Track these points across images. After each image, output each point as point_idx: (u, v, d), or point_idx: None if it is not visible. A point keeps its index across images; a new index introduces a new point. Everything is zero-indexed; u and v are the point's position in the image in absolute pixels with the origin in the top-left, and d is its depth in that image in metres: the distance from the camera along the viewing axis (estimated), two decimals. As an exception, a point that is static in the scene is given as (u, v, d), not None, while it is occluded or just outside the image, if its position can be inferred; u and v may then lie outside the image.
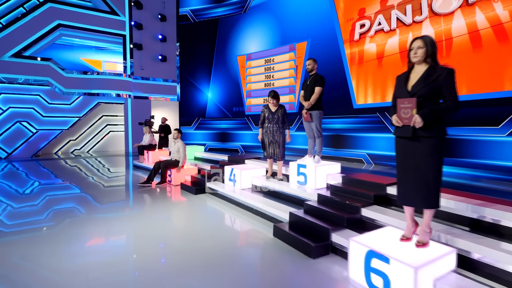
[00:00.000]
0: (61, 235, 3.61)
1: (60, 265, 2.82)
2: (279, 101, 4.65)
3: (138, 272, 2.70)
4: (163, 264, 2.85)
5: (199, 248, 3.18)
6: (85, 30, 11.68)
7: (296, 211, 3.55)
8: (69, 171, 8.40)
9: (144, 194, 5.62)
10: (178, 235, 3.63)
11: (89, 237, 3.58)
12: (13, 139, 10.77)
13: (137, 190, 5.97)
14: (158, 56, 12.71)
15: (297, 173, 4.43)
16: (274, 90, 4.61)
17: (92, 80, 11.68)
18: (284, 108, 4.67)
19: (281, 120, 4.63)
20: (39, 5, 10.88)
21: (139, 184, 6.34)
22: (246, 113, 10.26)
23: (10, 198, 5.37)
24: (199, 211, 4.62)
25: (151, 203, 5.15)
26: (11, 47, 10.38)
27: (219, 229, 3.82)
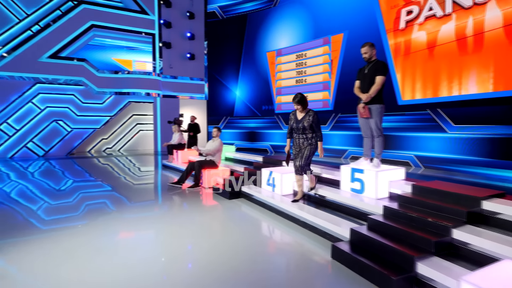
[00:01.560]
0: (93, 231, 3.67)
1: (90, 262, 2.85)
2: (306, 106, 3.91)
3: (166, 277, 2.60)
4: (190, 273, 2.57)
5: (233, 266, 2.80)
6: (117, 30, 11.84)
7: (358, 227, 2.95)
8: (101, 170, 8.50)
9: (174, 196, 5.44)
10: (208, 245, 3.30)
11: (118, 236, 3.61)
12: (50, 137, 11.15)
13: (167, 190, 5.80)
14: (187, 54, 12.65)
15: (351, 178, 3.86)
16: (300, 94, 3.88)
17: (122, 80, 11.83)
18: (314, 115, 3.87)
19: (308, 130, 3.90)
20: (74, 6, 11.16)
21: (169, 184, 6.13)
22: (276, 111, 9.88)
23: (47, 195, 5.51)
24: (233, 218, 4.29)
25: (181, 206, 4.94)
26: (48, 48, 10.71)
27: (258, 243, 3.37)
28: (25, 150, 10.83)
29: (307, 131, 3.91)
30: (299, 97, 3.88)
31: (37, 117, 10.92)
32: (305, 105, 3.91)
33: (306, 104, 3.92)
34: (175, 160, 8.45)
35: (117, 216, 4.30)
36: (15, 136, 10.66)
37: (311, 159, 4.08)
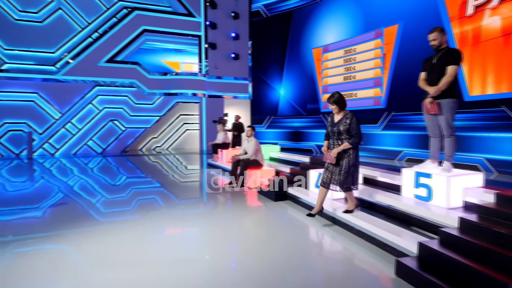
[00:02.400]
0: (143, 226, 3.82)
1: (140, 255, 2.95)
2: (344, 107, 3.45)
3: (210, 275, 2.60)
4: (233, 273, 2.45)
5: (277, 272, 2.60)
6: (166, 33, 12.37)
7: (428, 241, 2.54)
8: (151, 167, 8.92)
9: (219, 195, 5.43)
10: (251, 247, 3.16)
11: (166, 231, 3.74)
12: (106, 136, 12.03)
13: (221, 190, 5.75)
14: (231, 54, 12.78)
15: (415, 184, 3.41)
16: (338, 93, 3.47)
17: (171, 81, 12.32)
18: (352, 118, 3.37)
19: (345, 135, 3.37)
20: (128, 13, 11.88)
21: (225, 184, 6.01)
22: (322, 110, 9.50)
23: (104, 189, 5.87)
24: (278, 221, 4.13)
25: (225, 205, 4.90)
26: (106, 53, 11.55)
27: (305, 250, 3.14)
28: (86, 147, 11.82)
29: (343, 137, 3.39)
30: (336, 96, 3.42)
31: (96, 117, 11.85)
32: (342, 105, 3.44)
33: (343, 105, 3.45)
34: (219, 159, 8.54)
35: (166, 212, 4.45)
36: (78, 134, 11.68)
37: (357, 172, 3.49)
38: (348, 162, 3.41)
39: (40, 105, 11.19)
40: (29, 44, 11.33)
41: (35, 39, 11.37)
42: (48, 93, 11.23)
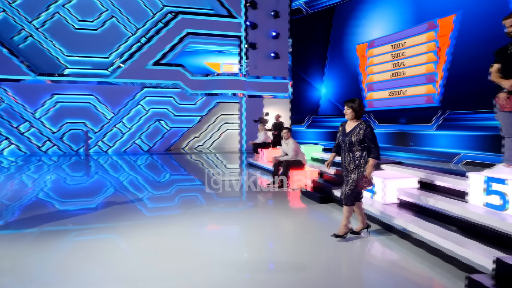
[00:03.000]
0: (186, 222, 3.96)
1: (182, 250, 3.05)
2: (359, 115, 3.10)
3: (249, 275, 2.57)
4: (272, 274, 2.36)
5: (322, 281, 2.48)
6: (208, 35, 12.70)
7: (506, 257, 2.21)
8: (193, 165, 9.22)
9: (259, 194, 5.40)
10: (292, 249, 3.05)
11: (207, 228, 3.83)
12: (153, 135, 12.70)
13: (258, 190, 5.74)
14: (271, 53, 12.74)
15: (486, 190, 3.04)
16: (358, 99, 3.19)
17: (212, 82, 12.63)
18: (367, 129, 3.04)
19: (356, 147, 3.06)
20: (172, 18, 12.42)
21: (266, 184, 5.95)
22: (367, 109, 9.02)
23: (150, 185, 6.18)
24: (323, 224, 3.95)
25: (265, 205, 4.85)
26: (153, 56, 12.18)
27: (353, 257, 2.95)
28: (134, 145, 12.59)
29: (354, 148, 3.08)
30: (357, 102, 3.13)
31: (143, 117, 12.56)
32: (359, 114, 3.11)
33: (360, 114, 3.11)
34: (260, 159, 8.53)
35: (207, 209, 4.56)
36: (127, 133, 12.48)
37: (362, 180, 3.11)
38: (358, 175, 3.10)
39: (95, 106, 12.16)
40: (86, 50, 12.37)
41: (91, 46, 12.38)
42: (102, 95, 12.16)
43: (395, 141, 8.08)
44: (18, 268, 2.61)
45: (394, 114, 8.21)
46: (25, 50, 11.88)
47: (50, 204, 4.77)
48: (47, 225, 3.71)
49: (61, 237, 3.37)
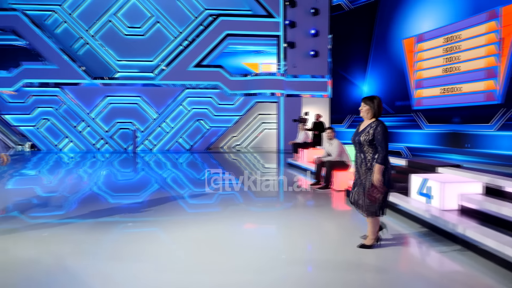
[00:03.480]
0: (224, 220, 4.01)
1: (219, 248, 3.09)
2: (376, 114, 2.84)
3: (286, 276, 2.51)
4: (310, 278, 2.30)
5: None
6: (246, 36, 12.87)
7: None
8: (231, 164, 9.40)
9: (299, 195, 5.35)
10: (333, 253, 2.94)
11: (244, 227, 3.84)
12: (193, 134, 13.21)
13: (301, 190, 5.69)
14: (310, 52, 12.53)
15: None
16: (378, 97, 2.91)
17: (250, 82, 12.77)
18: (378, 128, 2.75)
19: (367, 147, 2.80)
20: (213, 20, 12.78)
21: (309, 185, 5.86)
22: (414, 107, 8.48)
23: (191, 182, 6.44)
24: None
25: (305, 207, 4.78)
26: (194, 58, 12.66)
27: (407, 267, 2.76)
28: (177, 144, 13.21)
29: (365, 149, 2.81)
30: (376, 100, 2.85)
31: (185, 117, 13.12)
32: (376, 113, 2.83)
33: (376, 113, 2.83)
34: (300, 159, 8.43)
35: (244, 208, 4.61)
36: (170, 133, 13.13)
37: (384, 192, 2.78)
38: (371, 178, 2.79)
39: (142, 106, 12.97)
40: (134, 54, 13.23)
41: (138, 50, 13.21)
42: (148, 96, 12.93)
43: (447, 142, 7.49)
44: (76, 254, 2.87)
45: (446, 113, 7.60)
46: (82, 56, 13.06)
47: (102, 197, 5.20)
48: (100, 216, 4.03)
49: (112, 228, 3.66)
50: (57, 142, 12.81)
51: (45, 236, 3.30)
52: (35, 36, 12.10)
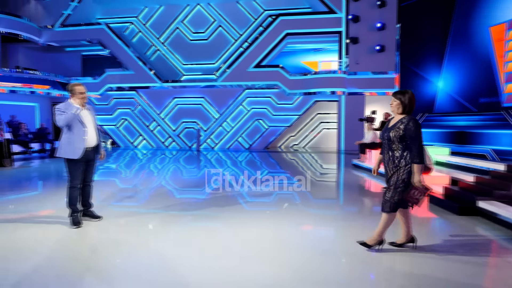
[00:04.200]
0: (281, 219, 3.95)
1: (275, 248, 3.05)
2: (408, 110, 2.68)
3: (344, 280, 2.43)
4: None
5: None
6: (306, 34, 12.63)
7: None
8: (288, 163, 9.32)
9: (365, 198, 5.03)
10: (413, 264, 2.63)
11: (301, 228, 3.72)
12: (252, 134, 13.47)
13: (376, 194, 5.40)
14: (375, 47, 11.75)
15: None
16: (407, 92, 2.72)
17: (310, 80, 12.50)
18: (409, 124, 2.60)
19: (396, 144, 2.67)
20: (272, 21, 12.84)
21: (382, 188, 5.52)
22: (505, 104, 7.31)
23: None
24: (466, 243, 3.17)
25: (371, 211, 4.45)
26: (254, 59, 12.90)
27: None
28: (237, 143, 13.63)
29: (394, 146, 2.68)
30: (408, 94, 2.68)
31: (245, 117, 13.46)
32: (407, 108, 2.67)
33: (409, 108, 2.68)
34: (367, 160, 7.93)
35: (302, 208, 4.48)
36: (231, 132, 13.60)
37: (408, 192, 2.65)
38: (397, 178, 2.69)
39: (205, 107, 13.70)
40: (198, 58, 14.05)
41: (202, 54, 13.99)
42: (210, 97, 13.60)
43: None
44: (148, 242, 3.18)
45: (545, 111, 6.40)
46: (153, 62, 14.34)
47: (170, 192, 5.62)
48: (169, 209, 4.36)
49: (179, 220, 3.94)
50: (133, 139, 14.30)
51: (125, 223, 3.70)
52: (116, 45, 13.68)
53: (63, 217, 3.63)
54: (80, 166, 3.46)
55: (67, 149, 3.38)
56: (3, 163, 8.08)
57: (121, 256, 2.87)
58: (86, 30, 13.88)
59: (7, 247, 2.97)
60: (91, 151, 3.54)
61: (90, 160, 3.60)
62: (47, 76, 13.32)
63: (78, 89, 3.46)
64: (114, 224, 3.67)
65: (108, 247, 3.05)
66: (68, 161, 3.42)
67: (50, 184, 6.39)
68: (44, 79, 13.16)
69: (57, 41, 14.30)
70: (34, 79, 12.86)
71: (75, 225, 3.44)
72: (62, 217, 3.65)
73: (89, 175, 3.65)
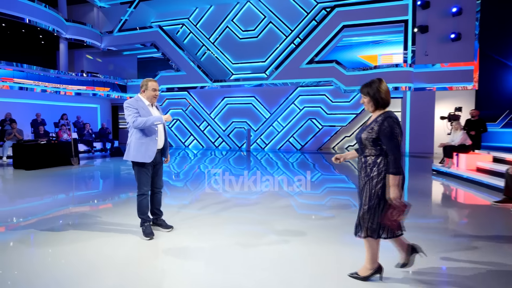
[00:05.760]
0: (340, 227, 3.63)
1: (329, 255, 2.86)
2: (381, 104, 2.18)
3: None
4: None
5: None
6: (366, 25, 11.58)
7: None
8: (343, 166, 8.50)
9: (455, 211, 4.11)
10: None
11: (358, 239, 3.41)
12: (305, 134, 12.77)
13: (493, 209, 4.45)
14: (450, 35, 10.31)
15: None
16: (378, 79, 2.23)
17: (369, 76, 11.42)
18: (384, 123, 2.08)
19: (369, 148, 2.15)
20: (327, 14, 11.99)
21: (494, 202, 4.47)
22: None
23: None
24: None
25: (493, 226, 3.57)
26: (307, 55, 12.18)
27: None
28: (288, 144, 13.03)
29: (367, 151, 2.17)
30: (374, 85, 2.20)
31: (297, 116, 12.81)
32: (379, 102, 2.18)
33: (381, 101, 2.18)
34: (454, 166, 6.78)
35: None
36: (282, 132, 13.05)
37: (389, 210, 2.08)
38: (370, 190, 2.13)
39: (255, 106, 13.33)
40: (248, 56, 13.72)
41: (251, 52, 13.64)
42: (261, 96, 13.19)
43: None
44: (199, 240, 3.14)
45: None
46: (204, 62, 14.36)
47: (218, 192, 5.41)
48: (217, 209, 4.28)
49: (227, 221, 3.80)
50: (184, 139, 14.48)
51: (198, 234, 3.39)
52: (169, 47, 13.94)
53: (134, 226, 3.43)
54: (149, 170, 3.16)
55: (138, 152, 3.06)
56: (70, 162, 8.49)
57: (198, 279, 2.43)
58: (142, 34, 14.37)
59: (81, 260, 2.72)
60: (158, 153, 3.23)
61: (157, 163, 3.28)
62: (107, 79, 14.06)
63: (152, 85, 3.18)
64: (186, 234, 3.33)
65: (184, 267, 2.62)
66: (138, 165, 3.11)
67: (119, 185, 6.51)
68: (104, 81, 13.92)
69: (115, 46, 15.05)
70: (96, 82, 13.64)
71: (147, 237, 3.14)
72: (134, 226, 3.45)
73: (158, 180, 3.33)
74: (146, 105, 3.15)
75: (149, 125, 3.01)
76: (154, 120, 3.01)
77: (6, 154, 9.08)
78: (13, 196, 5.46)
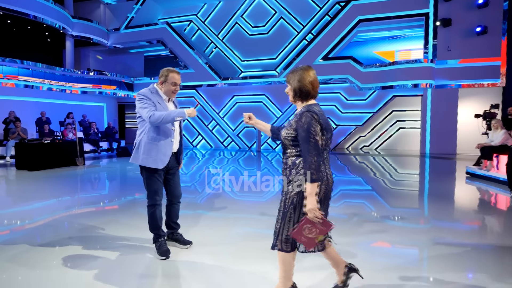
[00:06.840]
0: (350, 231, 3.37)
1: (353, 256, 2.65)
2: (304, 95, 1.79)
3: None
4: None
5: None
6: (383, 19, 11.01)
7: None
8: (358, 167, 8.02)
9: (485, 214, 3.58)
10: None
11: (376, 244, 3.10)
12: (317, 133, 12.21)
13: None
14: (475, 28, 9.68)
15: None
16: (306, 67, 1.81)
17: (387, 72, 10.86)
18: (301, 118, 1.71)
19: (290, 148, 1.79)
20: (341, 9, 11.45)
21: None
22: None
23: None
24: None
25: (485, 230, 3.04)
26: (320, 52, 11.66)
27: None
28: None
29: (287, 152, 1.82)
30: (297, 74, 1.80)
31: (308, 115, 12.26)
32: (302, 93, 1.80)
33: (304, 92, 1.79)
34: (494, 168, 6.15)
35: (376, 219, 3.80)
36: (292, 132, 12.53)
37: (303, 226, 1.69)
38: (285, 200, 1.80)
39: (266, 105, 12.85)
40: (257, 54, 13.24)
41: (261, 49, 13.16)
42: (271, 94, 12.71)
43: None
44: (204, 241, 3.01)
45: None
46: (212, 60, 13.93)
47: (227, 193, 5.12)
48: (225, 211, 4.13)
49: (234, 222, 3.67)
50: (192, 139, 14.08)
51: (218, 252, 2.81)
52: (177, 44, 13.55)
53: (146, 241, 2.91)
54: (161, 176, 2.63)
55: (148, 155, 2.53)
56: (75, 162, 8.14)
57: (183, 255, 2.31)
58: (149, 31, 14.02)
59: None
60: (172, 157, 2.70)
61: (171, 169, 2.73)
62: (114, 77, 13.73)
63: (173, 77, 2.60)
64: (208, 253, 2.74)
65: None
66: (148, 170, 2.59)
67: (126, 188, 6.09)
68: (111, 79, 13.59)
69: (122, 43, 14.73)
70: (103, 80, 13.32)
71: (162, 256, 2.58)
72: (146, 241, 2.92)
73: (175, 190, 2.78)
74: (163, 99, 2.63)
75: (169, 120, 2.46)
76: (176, 115, 2.44)
77: (9, 153, 8.79)
78: (4, 201, 5.02)
